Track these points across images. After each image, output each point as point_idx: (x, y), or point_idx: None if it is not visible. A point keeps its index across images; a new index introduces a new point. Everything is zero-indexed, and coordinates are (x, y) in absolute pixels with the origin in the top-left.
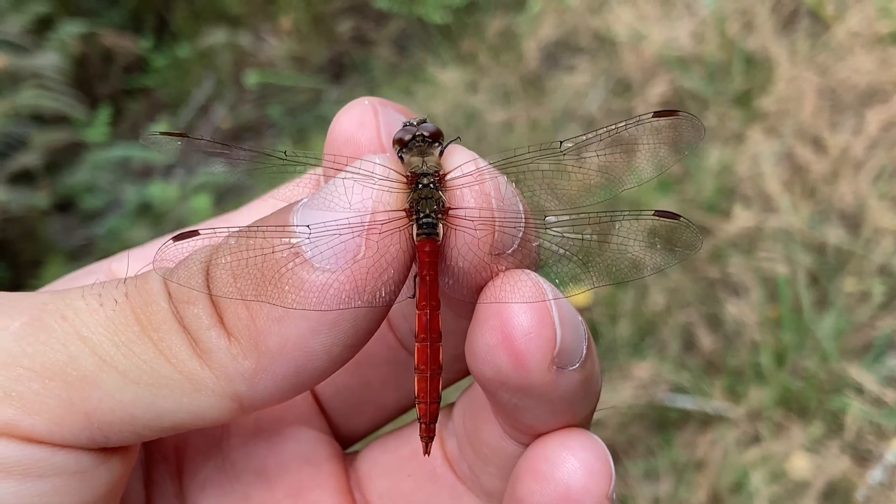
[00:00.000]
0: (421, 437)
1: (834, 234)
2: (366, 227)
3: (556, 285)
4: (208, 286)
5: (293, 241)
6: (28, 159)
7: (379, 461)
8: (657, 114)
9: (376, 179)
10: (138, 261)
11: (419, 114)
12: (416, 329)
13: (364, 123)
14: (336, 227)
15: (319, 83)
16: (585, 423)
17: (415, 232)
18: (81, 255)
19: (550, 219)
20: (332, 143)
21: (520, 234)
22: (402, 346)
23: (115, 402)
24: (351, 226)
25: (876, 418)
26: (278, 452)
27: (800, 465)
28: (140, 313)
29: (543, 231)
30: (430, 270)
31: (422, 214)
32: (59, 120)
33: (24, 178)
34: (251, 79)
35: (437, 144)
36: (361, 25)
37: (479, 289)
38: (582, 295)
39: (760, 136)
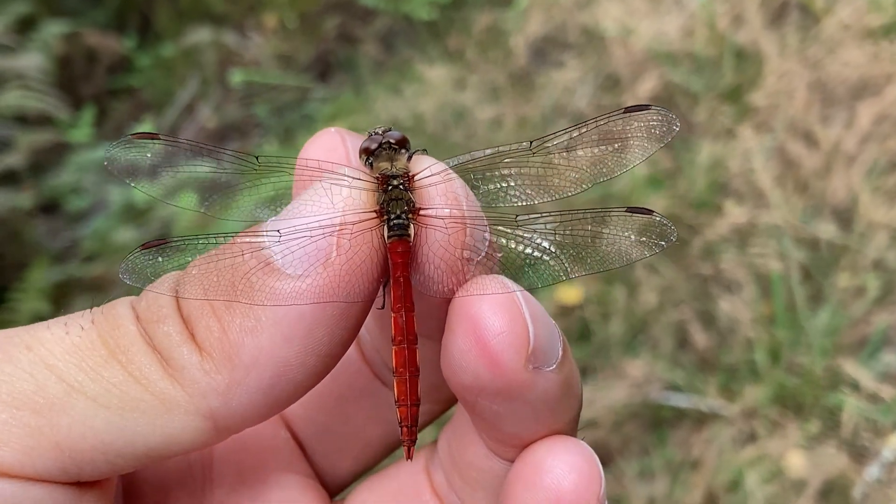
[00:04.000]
0: (402, 442)
1: (827, 229)
2: (337, 228)
3: (531, 284)
4: (178, 301)
5: (262, 247)
6: (12, 160)
7: (366, 502)
8: (628, 109)
9: (347, 181)
10: None
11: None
12: (392, 333)
13: (332, 149)
14: (307, 230)
15: (306, 81)
16: (570, 429)
17: (386, 233)
18: (67, 256)
19: (521, 218)
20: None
21: (487, 236)
22: (379, 379)
23: (85, 428)
24: (322, 227)
25: (872, 415)
26: (262, 501)
27: (796, 462)
28: (107, 337)
29: (514, 229)
30: (402, 272)
31: (392, 216)
32: (43, 121)
33: (8, 180)
34: (236, 78)
35: (403, 151)
36: (347, 23)
37: (452, 288)
38: (574, 293)
39: (751, 131)
